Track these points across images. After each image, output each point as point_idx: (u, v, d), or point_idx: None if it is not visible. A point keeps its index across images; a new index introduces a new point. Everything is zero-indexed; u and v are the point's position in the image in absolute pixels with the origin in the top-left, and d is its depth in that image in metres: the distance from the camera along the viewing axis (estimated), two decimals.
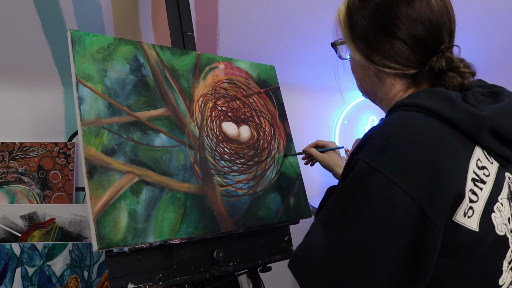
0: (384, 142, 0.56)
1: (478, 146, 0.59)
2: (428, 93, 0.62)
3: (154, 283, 0.85)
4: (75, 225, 1.39)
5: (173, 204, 0.91)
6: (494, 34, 1.67)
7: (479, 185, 0.57)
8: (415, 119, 0.58)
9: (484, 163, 0.59)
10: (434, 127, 0.57)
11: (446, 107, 0.59)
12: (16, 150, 1.44)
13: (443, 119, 0.58)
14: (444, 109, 0.58)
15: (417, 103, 0.60)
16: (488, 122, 0.58)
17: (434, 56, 0.64)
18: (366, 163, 0.56)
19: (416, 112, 0.59)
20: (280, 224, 1.10)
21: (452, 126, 0.58)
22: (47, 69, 1.46)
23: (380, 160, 0.55)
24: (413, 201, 0.52)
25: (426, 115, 0.58)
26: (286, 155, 1.19)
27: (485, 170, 0.59)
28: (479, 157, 0.59)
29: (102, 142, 0.86)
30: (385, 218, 0.52)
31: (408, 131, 0.56)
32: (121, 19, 1.43)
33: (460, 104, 0.59)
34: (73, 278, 1.33)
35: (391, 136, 0.56)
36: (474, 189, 0.56)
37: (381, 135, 0.58)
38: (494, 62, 1.77)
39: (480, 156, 0.59)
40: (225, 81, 1.14)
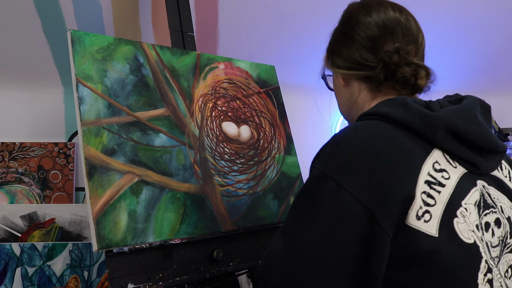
0: (334, 149, 0.58)
1: (438, 149, 0.59)
2: (387, 102, 0.65)
3: (154, 283, 0.85)
4: (75, 225, 1.39)
5: (173, 204, 0.91)
6: (494, 34, 1.67)
7: (436, 188, 0.55)
8: (367, 125, 0.60)
9: (443, 166, 0.58)
10: (385, 131, 0.58)
11: (400, 111, 0.60)
12: (16, 150, 1.44)
13: (396, 123, 0.59)
14: (397, 113, 0.60)
15: (374, 111, 0.63)
16: (441, 121, 0.58)
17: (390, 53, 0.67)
18: (318, 170, 0.57)
19: (372, 120, 0.61)
20: (280, 224, 1.10)
21: (406, 129, 0.59)
22: (47, 69, 1.46)
23: (330, 165, 0.56)
24: (361, 205, 0.52)
25: (380, 121, 0.60)
26: None
27: (444, 173, 0.57)
28: (436, 159, 0.58)
29: (102, 142, 0.86)
30: (335, 223, 0.53)
31: (359, 136, 0.58)
32: (121, 19, 1.43)
33: (413, 107, 0.60)
34: (73, 278, 1.33)
35: (341, 142, 0.58)
36: (430, 192, 0.55)
37: (333, 142, 0.60)
38: (494, 62, 1.77)
39: (438, 158, 0.58)
40: (225, 81, 1.14)
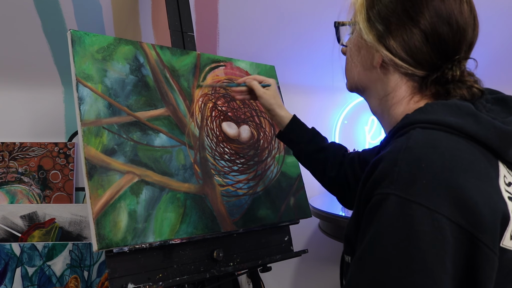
0: (415, 169, 0.49)
1: (500, 161, 0.55)
2: (445, 107, 0.56)
3: (154, 283, 0.85)
4: (75, 225, 1.39)
5: (173, 204, 0.91)
6: (494, 34, 1.67)
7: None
8: (442, 139, 0.52)
9: (509, 179, 0.55)
10: (463, 147, 0.52)
11: (471, 123, 0.53)
12: (16, 150, 1.44)
13: (468, 136, 0.53)
14: (469, 125, 0.53)
15: (438, 120, 0.54)
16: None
17: (449, 62, 0.59)
18: (399, 197, 0.48)
19: (439, 131, 0.53)
20: (280, 224, 1.10)
21: (477, 142, 0.53)
22: (47, 69, 1.46)
23: (416, 190, 0.48)
24: (461, 229, 0.47)
25: (450, 134, 0.53)
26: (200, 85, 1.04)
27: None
28: (504, 173, 0.54)
29: (102, 142, 0.86)
30: (439, 253, 0.46)
31: (440, 154, 0.50)
32: (121, 19, 1.43)
33: (484, 119, 0.54)
34: (73, 278, 1.33)
35: (422, 161, 0.49)
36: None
37: (410, 160, 0.50)
38: (494, 62, 1.77)
39: (504, 172, 0.55)
40: (225, 81, 1.14)
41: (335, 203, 1.65)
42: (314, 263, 1.87)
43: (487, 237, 0.47)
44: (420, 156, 0.50)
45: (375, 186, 0.52)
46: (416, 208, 0.47)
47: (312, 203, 1.53)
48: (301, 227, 1.33)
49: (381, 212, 0.49)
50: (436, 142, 0.52)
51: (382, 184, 0.51)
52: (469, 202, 0.47)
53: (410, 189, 0.48)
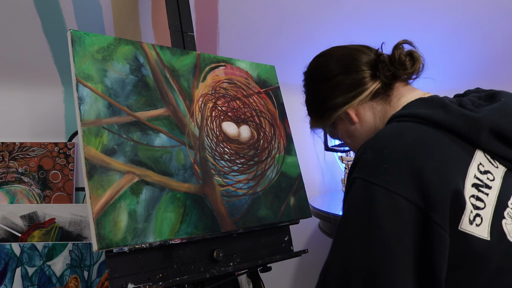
0: (379, 155, 0.55)
1: (480, 150, 0.58)
2: (421, 102, 0.63)
3: (154, 283, 0.85)
4: (75, 225, 1.39)
5: (173, 204, 0.91)
6: (494, 35, 1.67)
7: (484, 190, 0.55)
8: (408, 128, 0.58)
9: (487, 167, 0.57)
10: (428, 134, 0.56)
11: (440, 113, 0.58)
12: (16, 150, 1.44)
13: (438, 125, 0.57)
14: (438, 115, 0.58)
15: (410, 113, 0.60)
16: (485, 123, 0.57)
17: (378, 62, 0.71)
18: (364, 180, 0.55)
19: (410, 122, 0.59)
20: (280, 224, 1.10)
21: (448, 131, 0.57)
22: (47, 69, 1.46)
23: (378, 174, 0.54)
24: (417, 208, 0.51)
25: (420, 123, 0.58)
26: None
27: (489, 174, 0.57)
28: (480, 161, 0.57)
29: (102, 142, 0.86)
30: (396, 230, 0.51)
31: (402, 141, 0.56)
32: (121, 19, 1.43)
33: (454, 109, 0.58)
34: (73, 278, 1.33)
35: (385, 148, 0.55)
36: (478, 195, 0.54)
37: (375, 149, 0.56)
38: (494, 62, 1.77)
39: (482, 160, 0.57)
40: (225, 81, 1.14)
41: (335, 203, 1.65)
42: (314, 263, 1.87)
43: (438, 216, 0.51)
44: (384, 144, 0.56)
45: (351, 171, 0.59)
46: (376, 190, 0.52)
47: (312, 203, 1.53)
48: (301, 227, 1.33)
49: (350, 195, 0.56)
50: (402, 131, 0.57)
51: (354, 170, 0.58)
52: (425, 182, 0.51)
53: (373, 173, 0.54)
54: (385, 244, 0.51)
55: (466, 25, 1.62)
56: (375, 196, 0.52)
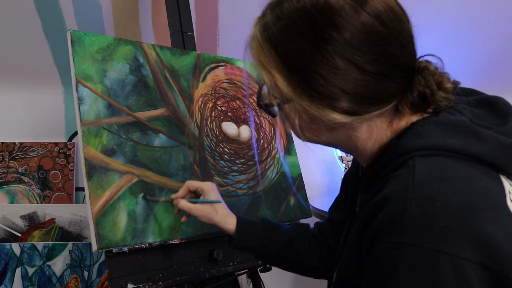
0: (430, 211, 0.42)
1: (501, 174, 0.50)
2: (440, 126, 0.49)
3: (154, 283, 0.85)
4: (75, 225, 1.39)
5: None
6: (494, 35, 1.67)
7: None
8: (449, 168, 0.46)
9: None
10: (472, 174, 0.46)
11: (474, 143, 0.47)
12: (16, 150, 1.44)
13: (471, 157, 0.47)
14: (473, 146, 0.47)
15: (438, 145, 0.47)
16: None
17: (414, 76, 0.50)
18: (416, 246, 0.42)
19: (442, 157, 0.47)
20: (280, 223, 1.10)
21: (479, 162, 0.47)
22: (47, 69, 1.46)
23: (435, 236, 0.42)
24: (487, 270, 0.41)
25: (453, 158, 0.47)
26: (146, 198, 0.88)
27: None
28: (508, 189, 0.49)
29: (102, 142, 0.86)
30: None
31: (453, 187, 0.44)
32: (121, 19, 1.43)
33: (487, 135, 0.48)
34: (73, 278, 1.33)
35: (436, 199, 0.43)
36: None
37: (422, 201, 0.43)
38: (494, 62, 1.77)
39: (508, 187, 0.49)
40: (225, 81, 1.14)
41: None
42: None
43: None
44: (432, 194, 0.43)
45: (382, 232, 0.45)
46: (436, 257, 0.41)
47: (312, 203, 1.52)
48: None
49: (395, 266, 0.43)
50: (445, 173, 0.45)
51: (391, 232, 0.44)
52: (492, 240, 0.42)
53: (427, 235, 0.42)
54: None
55: (466, 25, 1.62)
56: (436, 265, 0.41)
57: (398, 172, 0.48)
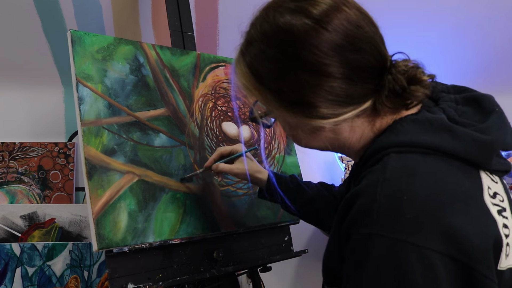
0: (397, 203, 0.45)
1: (482, 170, 0.51)
2: (417, 124, 0.51)
3: (154, 283, 0.85)
4: (75, 225, 1.39)
5: (173, 204, 0.91)
6: (494, 35, 1.67)
7: (504, 214, 0.49)
8: (420, 163, 0.48)
9: (493, 187, 0.51)
10: (444, 169, 0.48)
11: (448, 140, 0.49)
12: (16, 150, 1.44)
13: (446, 154, 0.49)
14: (447, 143, 0.49)
15: (412, 141, 0.49)
16: (497, 145, 0.50)
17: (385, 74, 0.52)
18: (383, 237, 0.44)
19: (415, 154, 0.49)
20: (280, 224, 1.10)
21: (454, 158, 0.49)
22: (47, 69, 1.46)
23: (401, 227, 0.44)
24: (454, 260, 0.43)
25: (426, 154, 0.49)
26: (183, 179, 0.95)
27: (498, 195, 0.51)
28: (488, 184, 0.50)
29: (102, 142, 0.86)
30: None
31: (422, 182, 0.46)
32: (121, 19, 1.43)
33: (463, 133, 0.50)
34: (73, 278, 1.33)
35: (403, 193, 0.45)
36: (504, 222, 0.49)
37: (390, 195, 0.45)
38: (494, 62, 1.77)
39: (487, 182, 0.51)
40: (225, 81, 1.14)
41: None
42: (314, 263, 1.86)
43: (482, 266, 0.44)
44: (400, 187, 0.46)
45: (355, 224, 0.47)
46: (402, 247, 0.43)
47: None
48: (301, 227, 1.33)
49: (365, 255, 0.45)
50: (415, 168, 0.47)
51: (362, 223, 0.46)
52: (458, 232, 0.43)
53: (394, 226, 0.44)
54: None
55: (466, 25, 1.62)
56: (402, 255, 0.43)
57: (373, 168, 0.50)
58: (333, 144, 0.58)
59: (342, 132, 0.56)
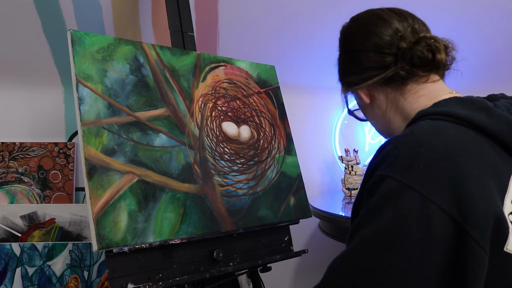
0: (414, 153, 0.48)
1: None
2: (459, 101, 0.56)
3: (154, 283, 0.85)
4: (75, 225, 1.39)
5: (173, 204, 0.91)
6: (494, 35, 1.67)
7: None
8: (447, 128, 0.51)
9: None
10: (470, 138, 0.50)
11: (483, 116, 0.52)
12: (16, 150, 1.44)
13: (479, 129, 0.51)
14: (480, 118, 0.51)
15: (447, 112, 0.53)
16: None
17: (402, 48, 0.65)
18: (394, 180, 0.47)
19: (448, 122, 0.52)
20: (280, 224, 1.10)
21: (489, 137, 0.51)
22: (47, 69, 1.46)
23: (412, 174, 0.47)
24: (452, 220, 0.45)
25: (460, 125, 0.51)
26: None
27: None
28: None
29: (102, 142, 0.86)
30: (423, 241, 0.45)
31: (442, 141, 0.49)
32: (121, 19, 1.43)
33: (498, 113, 0.52)
34: (73, 278, 1.33)
35: (422, 146, 0.48)
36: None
37: (410, 145, 0.49)
38: (494, 62, 1.77)
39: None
40: (225, 81, 1.14)
41: (335, 203, 1.65)
42: (314, 263, 1.87)
43: (476, 233, 0.45)
44: (421, 141, 0.49)
45: (376, 167, 0.52)
46: (408, 192, 0.46)
47: (312, 203, 1.53)
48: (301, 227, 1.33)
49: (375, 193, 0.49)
50: (441, 130, 0.51)
51: (381, 166, 0.50)
52: (465, 192, 0.45)
53: (406, 172, 0.47)
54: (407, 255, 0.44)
55: (466, 25, 1.62)
56: (405, 200, 0.46)
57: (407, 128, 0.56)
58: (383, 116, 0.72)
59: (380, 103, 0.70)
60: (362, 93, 0.71)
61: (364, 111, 0.76)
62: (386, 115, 0.71)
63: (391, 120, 0.70)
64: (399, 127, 0.69)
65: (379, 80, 0.67)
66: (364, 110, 0.76)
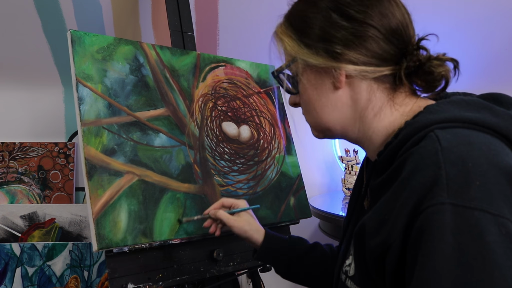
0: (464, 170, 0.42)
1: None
2: (455, 104, 0.51)
3: (154, 283, 0.85)
4: (75, 225, 1.39)
5: (173, 204, 0.91)
6: (494, 35, 1.67)
7: None
8: (471, 135, 0.46)
9: None
10: (493, 141, 0.46)
11: (489, 116, 0.48)
12: (16, 150, 1.44)
13: (491, 130, 0.47)
14: (489, 119, 0.48)
15: (456, 117, 0.48)
16: None
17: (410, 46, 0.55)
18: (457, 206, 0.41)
19: (460, 128, 0.47)
20: (280, 224, 1.10)
21: (499, 135, 0.48)
22: (47, 69, 1.46)
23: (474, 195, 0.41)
24: None
25: (472, 129, 0.47)
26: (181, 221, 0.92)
27: None
28: None
29: (102, 142, 0.86)
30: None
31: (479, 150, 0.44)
32: (121, 19, 1.43)
33: (500, 110, 0.49)
34: (73, 278, 1.33)
35: (467, 160, 0.43)
36: None
37: (454, 162, 0.43)
38: (494, 62, 1.77)
39: None
40: (225, 81, 1.14)
41: (335, 203, 1.65)
42: None
43: None
44: (462, 155, 0.43)
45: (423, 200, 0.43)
46: (479, 216, 0.40)
47: (312, 203, 1.53)
48: (301, 227, 1.33)
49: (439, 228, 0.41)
50: (469, 138, 0.45)
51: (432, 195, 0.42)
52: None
53: (467, 194, 0.41)
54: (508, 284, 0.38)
55: (466, 25, 1.62)
56: (480, 225, 0.40)
57: (421, 144, 0.47)
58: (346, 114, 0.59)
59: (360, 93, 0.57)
60: (341, 75, 0.56)
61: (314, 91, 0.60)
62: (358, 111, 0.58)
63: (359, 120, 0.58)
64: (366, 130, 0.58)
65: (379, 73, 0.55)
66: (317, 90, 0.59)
